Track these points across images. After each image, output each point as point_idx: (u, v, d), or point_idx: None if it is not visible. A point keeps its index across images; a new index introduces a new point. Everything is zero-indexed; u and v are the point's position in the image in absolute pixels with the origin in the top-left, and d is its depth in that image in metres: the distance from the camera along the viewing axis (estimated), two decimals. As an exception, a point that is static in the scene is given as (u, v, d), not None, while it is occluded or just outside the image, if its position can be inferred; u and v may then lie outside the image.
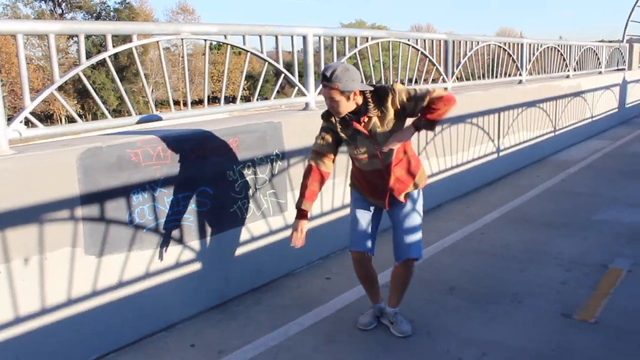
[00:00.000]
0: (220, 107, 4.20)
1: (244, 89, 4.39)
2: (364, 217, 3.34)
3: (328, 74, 2.90)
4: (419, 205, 3.31)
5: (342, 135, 3.15)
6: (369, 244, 3.34)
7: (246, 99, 4.47)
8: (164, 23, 4.36)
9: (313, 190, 3.20)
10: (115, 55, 3.45)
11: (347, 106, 2.99)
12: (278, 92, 4.62)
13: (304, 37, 4.64)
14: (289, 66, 4.63)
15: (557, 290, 3.97)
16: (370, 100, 3.03)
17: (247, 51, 4.23)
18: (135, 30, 3.51)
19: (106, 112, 3.54)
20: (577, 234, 5.19)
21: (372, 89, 3.04)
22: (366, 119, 3.06)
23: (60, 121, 39.22)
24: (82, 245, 3.11)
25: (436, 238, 5.13)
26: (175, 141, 3.54)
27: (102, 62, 3.45)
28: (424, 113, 3.00)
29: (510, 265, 4.47)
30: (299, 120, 4.41)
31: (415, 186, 3.27)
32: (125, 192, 3.29)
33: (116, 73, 3.63)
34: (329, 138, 3.20)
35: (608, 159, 8.96)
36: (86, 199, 3.10)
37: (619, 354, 3.12)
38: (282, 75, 4.52)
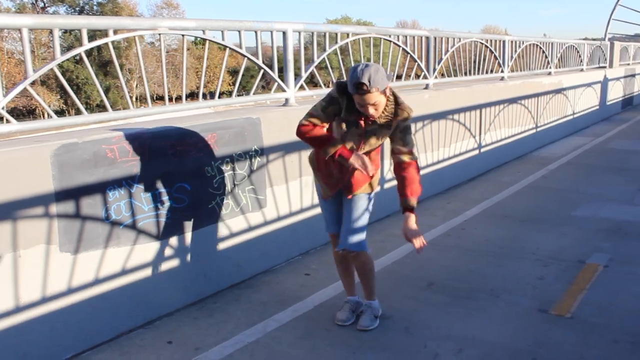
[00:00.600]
0: (199, 103, 4.17)
1: (229, 84, 4.36)
2: (330, 204, 3.45)
3: (365, 80, 2.83)
4: (369, 207, 3.37)
5: (343, 114, 3.12)
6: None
7: (232, 94, 4.44)
8: (141, 18, 4.32)
9: (329, 133, 3.19)
10: (99, 49, 3.42)
11: (384, 102, 3.02)
12: (263, 87, 4.61)
13: (284, 33, 4.62)
14: (272, 62, 4.61)
15: (534, 285, 4.01)
16: (385, 107, 3.05)
17: (226, 47, 4.20)
18: (111, 25, 3.47)
19: (81, 108, 3.50)
20: (556, 230, 5.24)
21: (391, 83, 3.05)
22: (370, 121, 3.09)
23: (43, 116, 38.74)
24: (57, 242, 3.07)
25: (417, 234, 5.14)
26: (153, 137, 3.51)
27: (86, 56, 3.41)
28: (406, 187, 3.12)
29: (489, 261, 4.50)
30: (278, 116, 4.39)
31: (370, 187, 3.33)
32: (101, 188, 3.26)
33: (101, 67, 3.62)
34: (330, 111, 3.13)
35: (589, 155, 9.05)
36: (61, 195, 3.07)
37: (593, 349, 3.16)
38: (262, 71, 4.51)
